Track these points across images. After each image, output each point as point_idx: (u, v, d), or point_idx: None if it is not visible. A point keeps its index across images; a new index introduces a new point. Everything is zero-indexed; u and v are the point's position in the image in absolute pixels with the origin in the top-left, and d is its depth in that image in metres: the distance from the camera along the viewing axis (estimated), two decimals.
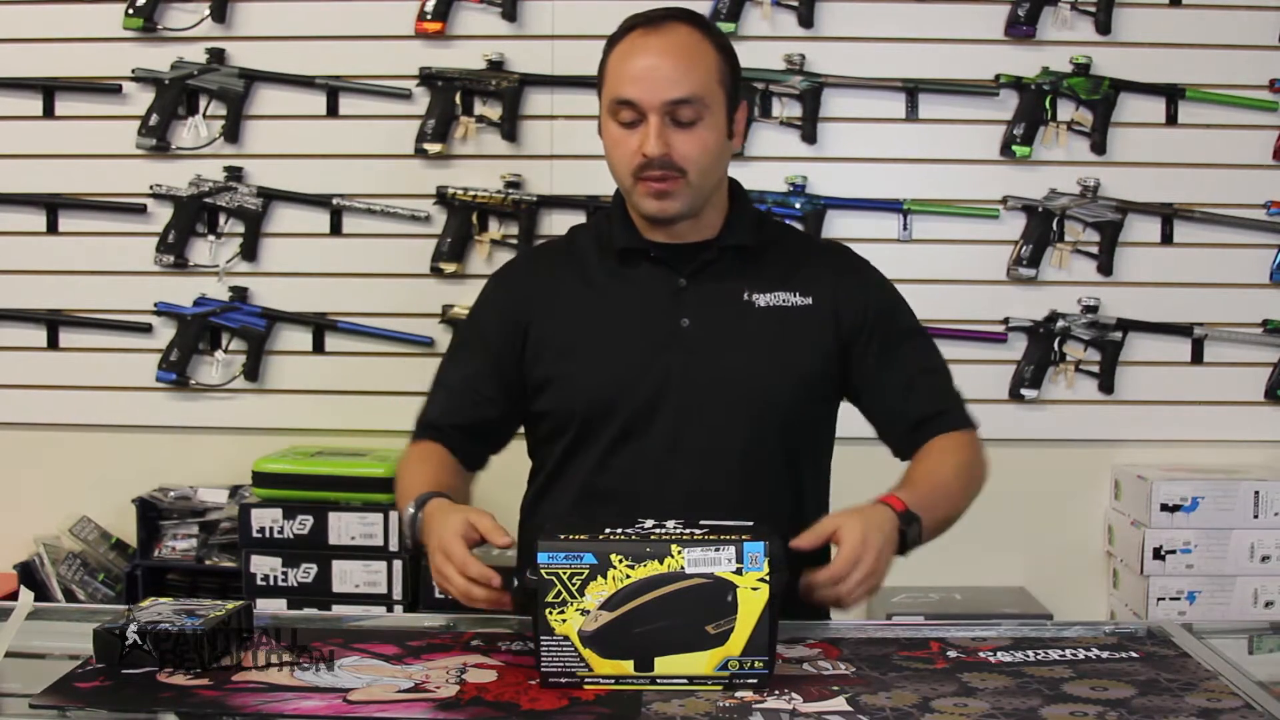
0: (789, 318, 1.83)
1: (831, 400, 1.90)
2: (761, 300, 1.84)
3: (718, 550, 1.45)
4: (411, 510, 1.71)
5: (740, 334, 1.82)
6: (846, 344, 1.85)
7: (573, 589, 1.45)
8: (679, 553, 1.45)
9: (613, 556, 1.45)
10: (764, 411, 1.81)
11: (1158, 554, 2.96)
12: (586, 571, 1.45)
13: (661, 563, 1.45)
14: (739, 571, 1.45)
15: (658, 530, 1.49)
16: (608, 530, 1.49)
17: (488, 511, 1.63)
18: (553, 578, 1.46)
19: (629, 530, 1.50)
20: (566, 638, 1.46)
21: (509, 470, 1.98)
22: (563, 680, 1.46)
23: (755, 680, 1.46)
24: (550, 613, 1.46)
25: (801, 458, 1.87)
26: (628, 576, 1.45)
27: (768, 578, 1.45)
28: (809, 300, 1.84)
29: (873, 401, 1.88)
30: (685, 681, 1.45)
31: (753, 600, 1.45)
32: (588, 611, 1.45)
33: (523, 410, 1.91)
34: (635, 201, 1.80)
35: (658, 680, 1.45)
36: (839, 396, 1.91)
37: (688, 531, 1.48)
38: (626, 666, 1.46)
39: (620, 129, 1.77)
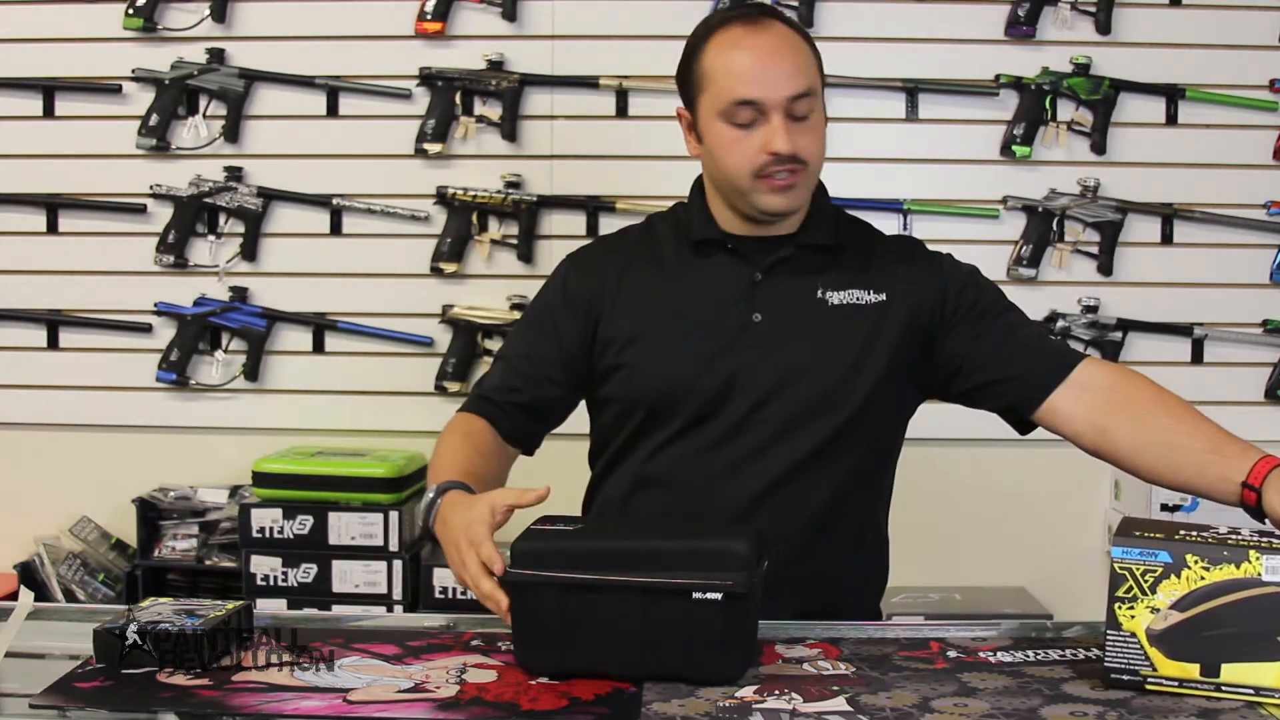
0: (862, 315, 1.81)
1: (903, 400, 1.88)
2: (835, 298, 1.81)
3: None
4: (431, 495, 1.70)
5: (812, 331, 1.80)
6: (931, 336, 1.82)
7: (1145, 586, 1.44)
8: (1257, 559, 1.42)
9: (1188, 557, 1.43)
10: (832, 410, 1.79)
11: None
12: (1160, 569, 1.43)
13: (1238, 567, 1.42)
14: None
15: (1234, 535, 1.46)
16: (1182, 531, 1.46)
17: (502, 490, 1.64)
18: (1125, 572, 1.44)
19: (1205, 533, 1.47)
20: (1134, 634, 1.44)
21: (534, 462, 1.96)
22: (1125, 678, 1.44)
23: None
24: (1120, 608, 1.44)
25: (869, 458, 1.85)
26: (1201, 578, 1.42)
27: None
28: (883, 297, 1.82)
29: (983, 374, 1.82)
30: (1252, 692, 1.41)
31: None
32: (1158, 610, 1.43)
33: (581, 395, 1.91)
34: (754, 200, 1.77)
35: (1222, 688, 1.42)
36: (917, 396, 1.89)
37: (1267, 539, 1.45)
38: (1192, 670, 1.43)
39: (735, 130, 1.75)
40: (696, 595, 1.45)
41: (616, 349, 1.84)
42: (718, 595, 1.45)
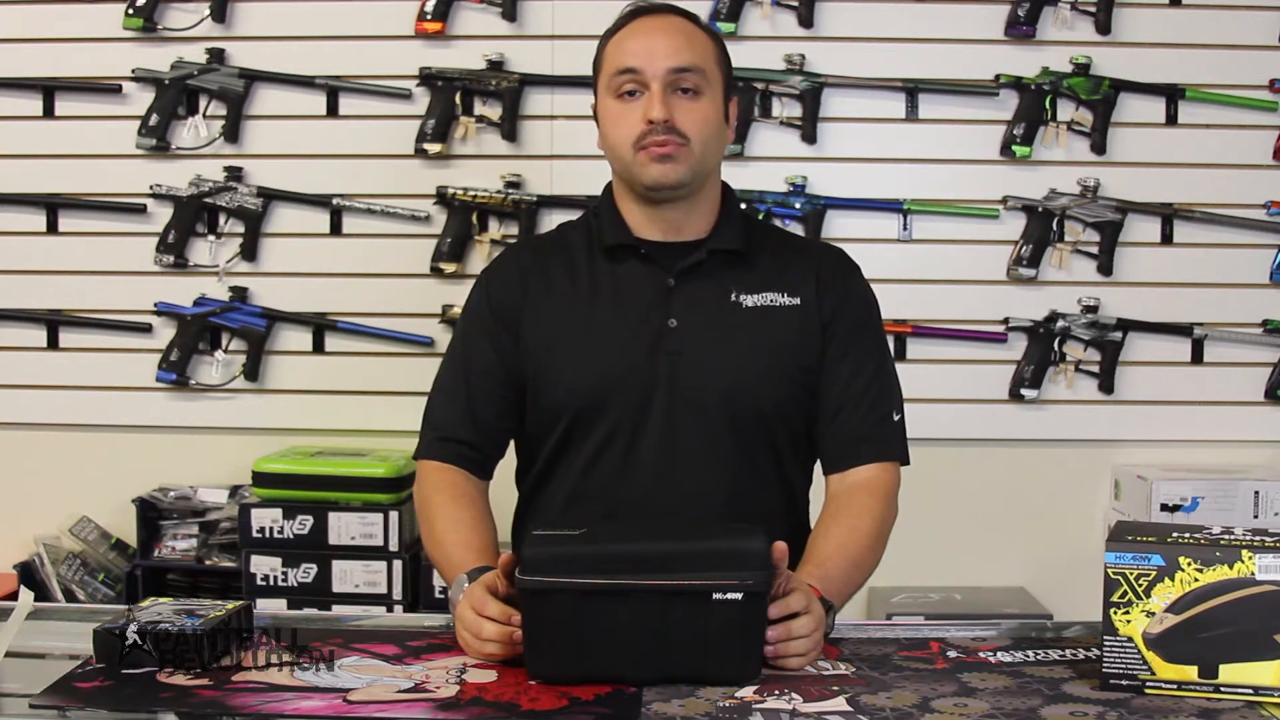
0: (776, 317, 1.84)
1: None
2: (749, 301, 1.84)
3: None
4: (465, 582, 1.68)
5: (727, 334, 1.82)
6: (825, 341, 1.86)
7: (1139, 590, 1.44)
8: (1250, 558, 1.42)
9: (1181, 559, 1.43)
10: (751, 410, 1.82)
11: None
12: (1154, 573, 1.44)
13: (1231, 567, 1.42)
14: None
15: (1226, 535, 1.47)
16: (1175, 533, 1.47)
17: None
18: (1119, 578, 1.45)
19: (1196, 534, 1.47)
20: (1130, 639, 1.45)
21: (512, 470, 1.98)
22: (1123, 683, 1.45)
23: None
24: (1115, 613, 1.45)
25: (790, 456, 1.88)
26: (1195, 580, 1.43)
27: None
28: (796, 300, 1.85)
29: (817, 406, 1.87)
30: (1250, 691, 1.42)
31: None
32: (1153, 614, 1.44)
33: (521, 406, 1.90)
34: (636, 172, 1.79)
35: (1221, 689, 1.42)
36: None
37: (1259, 538, 1.45)
38: (1190, 672, 1.43)
39: (620, 103, 1.78)
40: (717, 596, 1.45)
41: (537, 355, 1.85)
42: (738, 595, 1.45)
